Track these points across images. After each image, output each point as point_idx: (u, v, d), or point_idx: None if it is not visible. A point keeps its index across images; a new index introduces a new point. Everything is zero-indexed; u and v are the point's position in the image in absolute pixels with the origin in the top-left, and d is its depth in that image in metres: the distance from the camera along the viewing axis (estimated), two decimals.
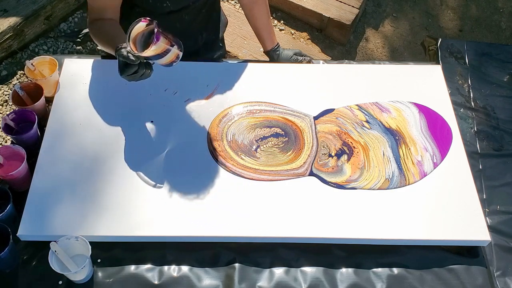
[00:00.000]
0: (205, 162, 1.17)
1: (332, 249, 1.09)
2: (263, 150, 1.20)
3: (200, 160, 1.17)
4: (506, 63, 1.48)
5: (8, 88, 2.22)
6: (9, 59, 2.29)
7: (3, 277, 1.02)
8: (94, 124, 1.21)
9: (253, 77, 1.34)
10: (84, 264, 0.95)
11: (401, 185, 1.15)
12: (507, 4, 2.75)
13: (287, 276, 1.05)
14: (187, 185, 1.12)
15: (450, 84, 1.39)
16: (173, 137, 1.20)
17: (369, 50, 2.52)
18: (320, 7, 2.46)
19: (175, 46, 1.04)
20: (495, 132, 1.33)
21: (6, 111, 2.15)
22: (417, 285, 1.05)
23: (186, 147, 1.19)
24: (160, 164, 1.15)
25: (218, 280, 1.03)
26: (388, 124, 1.26)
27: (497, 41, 2.58)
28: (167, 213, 1.08)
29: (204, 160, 1.17)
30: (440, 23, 2.65)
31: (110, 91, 1.28)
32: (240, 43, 2.33)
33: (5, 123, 1.16)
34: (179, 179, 1.13)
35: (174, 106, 1.26)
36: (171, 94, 1.29)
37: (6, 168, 1.09)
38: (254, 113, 1.26)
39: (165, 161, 1.16)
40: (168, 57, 1.05)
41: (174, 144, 1.19)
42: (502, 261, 1.11)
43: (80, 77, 1.30)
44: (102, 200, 1.09)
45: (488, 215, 1.17)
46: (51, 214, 1.06)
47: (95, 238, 1.04)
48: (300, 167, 1.17)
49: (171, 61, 1.07)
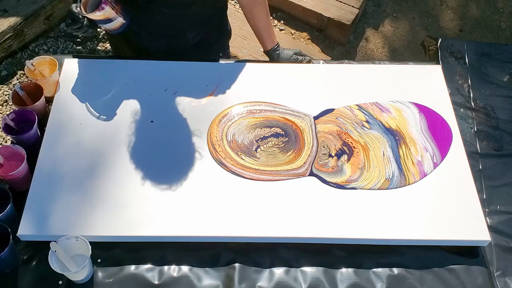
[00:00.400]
0: (205, 162, 1.17)
1: (332, 249, 1.09)
2: (263, 150, 1.20)
3: (200, 160, 1.17)
4: (506, 63, 1.48)
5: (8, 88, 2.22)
6: (9, 59, 2.29)
7: (3, 277, 1.02)
8: (94, 124, 1.21)
9: (253, 77, 1.34)
10: (84, 264, 0.95)
11: (401, 185, 1.15)
12: (507, 4, 2.75)
13: (287, 276, 1.05)
14: (187, 185, 1.12)
15: (450, 84, 1.39)
16: (173, 137, 1.20)
17: (369, 50, 2.52)
18: (320, 7, 2.46)
19: (120, 17, 1.19)
20: (495, 132, 1.33)
21: (6, 111, 2.15)
22: (417, 285, 1.05)
23: (186, 147, 1.19)
24: (160, 164, 1.15)
25: (218, 280, 1.03)
26: (388, 124, 1.26)
27: (497, 41, 2.58)
28: (167, 213, 1.08)
29: (204, 160, 1.17)
30: (440, 23, 2.65)
31: (110, 91, 1.28)
32: (240, 43, 2.33)
33: (5, 123, 1.16)
34: (179, 179, 1.13)
35: (174, 106, 1.26)
36: (171, 94, 1.29)
37: (6, 168, 1.09)
38: (254, 113, 1.26)
39: (165, 161, 1.16)
40: (113, 24, 1.20)
41: (174, 144, 1.19)
42: (502, 261, 1.11)
43: (80, 77, 1.30)
44: (102, 200, 1.09)
45: (488, 215, 1.17)
46: (51, 214, 1.06)
47: (95, 238, 1.04)
48: (301, 167, 1.17)
49: (115, 28, 1.22)
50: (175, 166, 1.15)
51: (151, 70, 1.33)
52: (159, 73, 1.33)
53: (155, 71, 1.34)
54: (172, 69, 1.34)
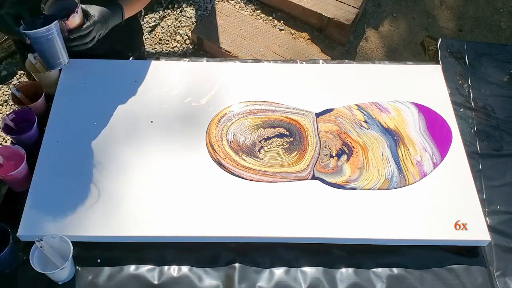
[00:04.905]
0: (205, 162, 1.17)
1: (332, 249, 1.09)
2: (266, 151, 1.20)
3: (200, 160, 1.17)
4: (506, 63, 1.48)
5: (8, 88, 2.23)
6: (9, 59, 2.30)
7: (3, 277, 1.02)
8: (94, 124, 1.21)
9: (253, 77, 1.34)
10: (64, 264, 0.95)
11: (401, 185, 1.15)
12: (507, 4, 2.75)
13: (287, 276, 1.05)
14: (187, 186, 1.12)
15: (450, 84, 1.39)
16: (173, 137, 1.20)
17: (369, 50, 2.52)
18: (320, 7, 2.46)
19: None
20: (495, 132, 1.33)
21: (6, 111, 2.15)
22: (417, 285, 1.05)
23: (186, 147, 1.19)
24: (160, 164, 1.15)
25: (218, 280, 1.03)
26: (387, 124, 1.26)
27: (497, 41, 2.59)
28: (167, 213, 1.08)
29: (204, 160, 1.17)
30: (440, 23, 2.65)
31: (110, 91, 1.28)
32: (240, 43, 2.33)
33: (4, 123, 1.16)
34: (179, 179, 1.13)
35: (174, 106, 1.26)
36: (171, 94, 1.29)
37: (6, 168, 1.09)
38: (255, 113, 1.26)
39: (165, 161, 1.16)
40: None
41: (174, 144, 1.19)
42: (502, 261, 1.11)
43: (80, 77, 1.30)
44: (102, 200, 1.09)
45: (488, 215, 1.17)
46: (51, 214, 1.06)
47: (95, 238, 1.04)
48: (303, 171, 1.16)
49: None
50: (175, 166, 1.15)
51: (151, 70, 1.33)
52: (159, 73, 1.33)
53: (155, 71, 1.34)
54: (172, 69, 1.34)
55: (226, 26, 2.41)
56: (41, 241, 0.96)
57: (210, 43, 2.37)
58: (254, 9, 2.61)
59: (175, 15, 2.58)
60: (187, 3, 2.63)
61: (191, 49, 2.47)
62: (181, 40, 2.49)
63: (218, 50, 2.34)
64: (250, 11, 2.61)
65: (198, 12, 2.60)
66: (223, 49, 2.32)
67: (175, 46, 2.47)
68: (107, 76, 1.31)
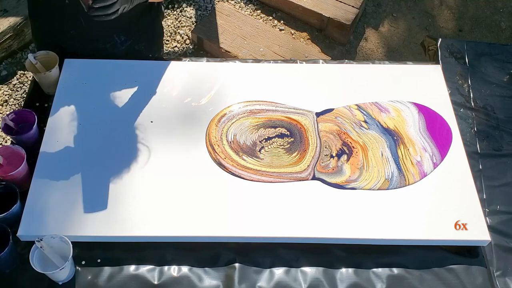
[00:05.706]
0: (205, 162, 1.17)
1: (332, 249, 1.09)
2: (267, 151, 1.20)
3: (200, 160, 1.17)
4: (506, 63, 1.48)
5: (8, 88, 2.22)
6: (9, 59, 2.29)
7: (3, 277, 1.02)
8: (94, 124, 1.21)
9: (253, 77, 1.34)
10: (64, 264, 0.95)
11: (401, 185, 1.15)
12: (507, 4, 2.75)
13: (287, 276, 1.05)
14: (187, 186, 1.12)
15: (450, 84, 1.39)
16: (173, 137, 1.20)
17: (369, 50, 2.52)
18: (320, 7, 2.46)
19: None
20: (495, 132, 1.33)
21: (6, 111, 2.15)
22: (417, 285, 1.05)
23: (186, 147, 1.19)
24: (160, 164, 1.15)
25: (218, 280, 1.03)
26: (386, 124, 1.26)
27: (497, 41, 2.59)
28: (167, 213, 1.08)
29: (204, 160, 1.17)
30: (440, 23, 2.65)
31: (110, 91, 1.28)
32: (240, 43, 2.33)
33: (4, 123, 1.16)
34: (179, 179, 1.13)
35: (174, 106, 1.26)
36: (171, 94, 1.29)
37: (6, 168, 1.09)
38: (255, 113, 1.26)
39: (165, 161, 1.16)
40: None
41: (174, 144, 1.19)
42: (502, 261, 1.11)
43: (80, 77, 1.30)
44: (102, 200, 1.09)
45: (488, 215, 1.17)
46: (51, 214, 1.06)
47: (95, 238, 1.04)
48: (304, 171, 1.16)
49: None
50: (175, 166, 1.15)
51: (151, 70, 1.33)
52: (159, 73, 1.33)
53: (155, 71, 1.34)
54: (172, 69, 1.34)
55: (226, 26, 2.41)
56: (41, 241, 0.96)
57: (210, 43, 2.37)
58: (254, 9, 2.62)
59: (175, 15, 2.58)
60: (187, 3, 2.63)
61: (191, 49, 2.47)
62: (181, 40, 2.49)
63: (218, 50, 2.34)
64: (250, 11, 2.61)
65: (198, 12, 2.60)
66: (223, 49, 2.32)
67: (175, 46, 2.47)
68: (107, 76, 1.31)
